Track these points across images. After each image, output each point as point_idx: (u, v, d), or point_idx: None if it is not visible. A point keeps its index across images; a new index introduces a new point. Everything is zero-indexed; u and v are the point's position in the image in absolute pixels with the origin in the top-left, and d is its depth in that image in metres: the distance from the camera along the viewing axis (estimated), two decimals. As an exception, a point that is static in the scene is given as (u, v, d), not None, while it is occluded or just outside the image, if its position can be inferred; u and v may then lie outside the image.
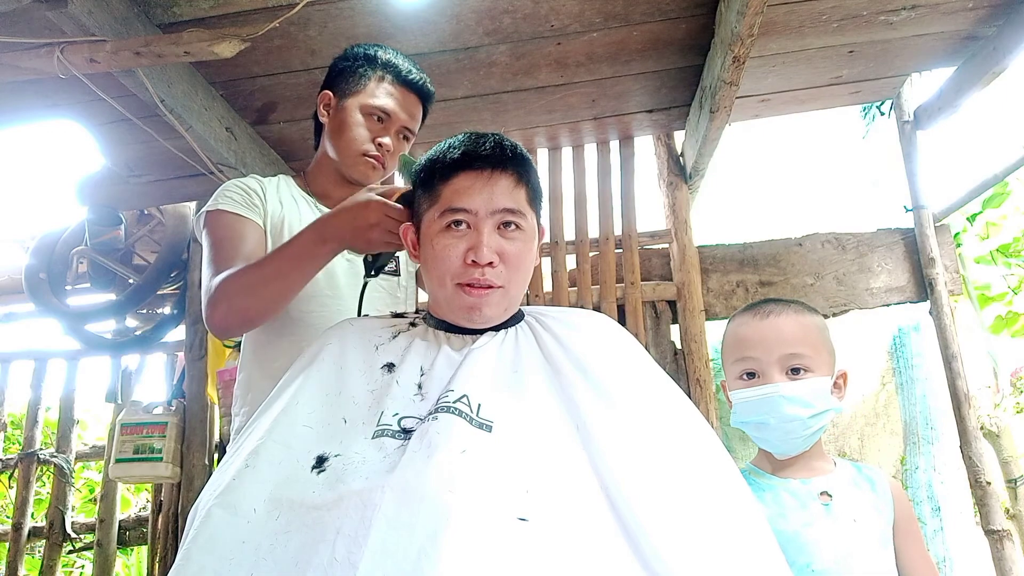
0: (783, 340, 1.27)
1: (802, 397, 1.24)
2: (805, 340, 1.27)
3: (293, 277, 1.29)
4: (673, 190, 2.72)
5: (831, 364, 1.29)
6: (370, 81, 1.55)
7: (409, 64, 1.59)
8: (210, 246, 1.43)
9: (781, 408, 1.24)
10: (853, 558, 1.20)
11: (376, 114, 1.55)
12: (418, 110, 1.62)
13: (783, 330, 1.28)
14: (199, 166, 2.25)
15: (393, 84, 1.56)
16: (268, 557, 0.85)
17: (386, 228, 1.22)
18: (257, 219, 1.49)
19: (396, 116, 1.56)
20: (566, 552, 0.82)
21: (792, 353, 1.26)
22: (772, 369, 1.26)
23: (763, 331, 1.29)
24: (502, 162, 1.08)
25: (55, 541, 3.03)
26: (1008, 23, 2.08)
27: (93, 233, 2.94)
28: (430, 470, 0.86)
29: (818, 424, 1.26)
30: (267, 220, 1.51)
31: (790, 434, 1.25)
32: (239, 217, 1.46)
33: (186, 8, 1.82)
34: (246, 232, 1.45)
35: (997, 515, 2.30)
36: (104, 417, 5.10)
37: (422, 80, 1.60)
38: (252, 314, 1.32)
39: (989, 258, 3.61)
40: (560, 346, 1.09)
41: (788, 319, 1.29)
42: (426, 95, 1.62)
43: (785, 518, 1.26)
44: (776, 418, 1.25)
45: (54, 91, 2.10)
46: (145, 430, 2.73)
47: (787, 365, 1.26)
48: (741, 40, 1.79)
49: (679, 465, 0.95)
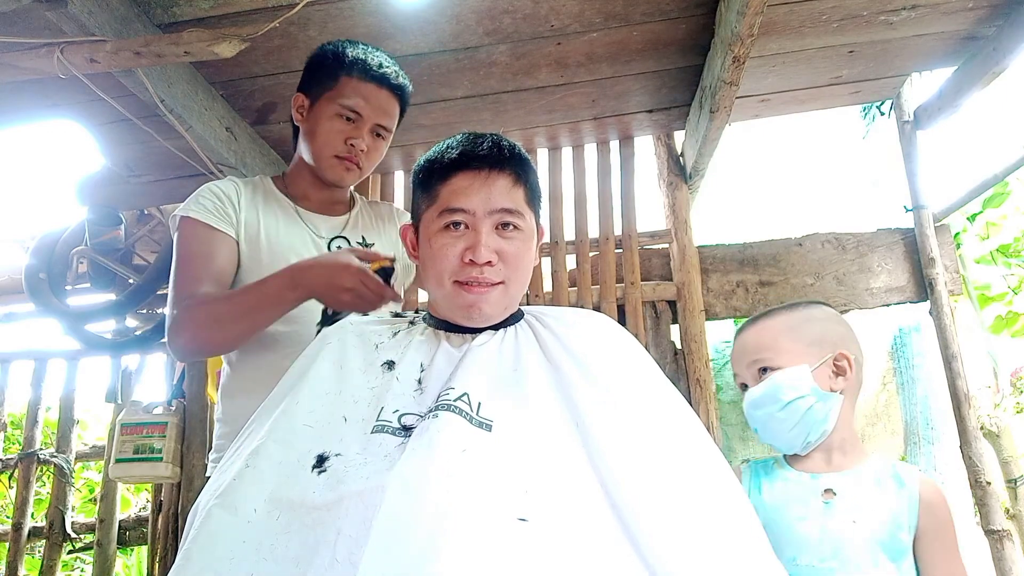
0: (746, 349, 1.37)
1: (762, 394, 1.30)
2: (764, 343, 1.34)
3: (259, 317, 1.33)
4: (673, 190, 2.71)
5: (809, 353, 1.31)
6: (339, 80, 1.51)
7: (380, 59, 1.54)
8: (178, 258, 1.44)
9: (755, 412, 1.32)
10: (840, 559, 1.19)
11: (345, 114, 1.51)
12: (392, 106, 1.56)
13: (747, 340, 1.38)
14: (199, 166, 2.25)
15: (362, 81, 1.51)
16: (269, 557, 0.85)
17: (358, 295, 1.26)
18: (229, 230, 1.48)
19: (367, 114, 1.52)
20: (566, 552, 0.82)
21: (754, 359, 1.34)
22: (748, 378, 1.36)
23: (738, 345, 1.40)
24: (500, 162, 1.08)
25: (55, 541, 3.03)
26: (1008, 23, 2.08)
27: (93, 233, 2.94)
28: (430, 470, 0.86)
29: (794, 414, 1.27)
30: (240, 229, 1.50)
31: (774, 432, 1.31)
32: (210, 229, 1.46)
33: (186, 8, 1.82)
34: (215, 247, 1.45)
35: (997, 515, 2.30)
36: (104, 417, 5.10)
37: (394, 75, 1.54)
38: (214, 346, 1.40)
39: (989, 258, 3.61)
40: (560, 345, 1.09)
41: (755, 328, 1.39)
42: (398, 90, 1.56)
43: (785, 510, 1.27)
44: (756, 422, 1.33)
45: (54, 91, 2.10)
46: (145, 430, 2.73)
47: (755, 371, 1.34)
48: (741, 40, 1.79)
49: (677, 465, 0.95)
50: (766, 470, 1.37)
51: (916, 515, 1.21)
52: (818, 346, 1.31)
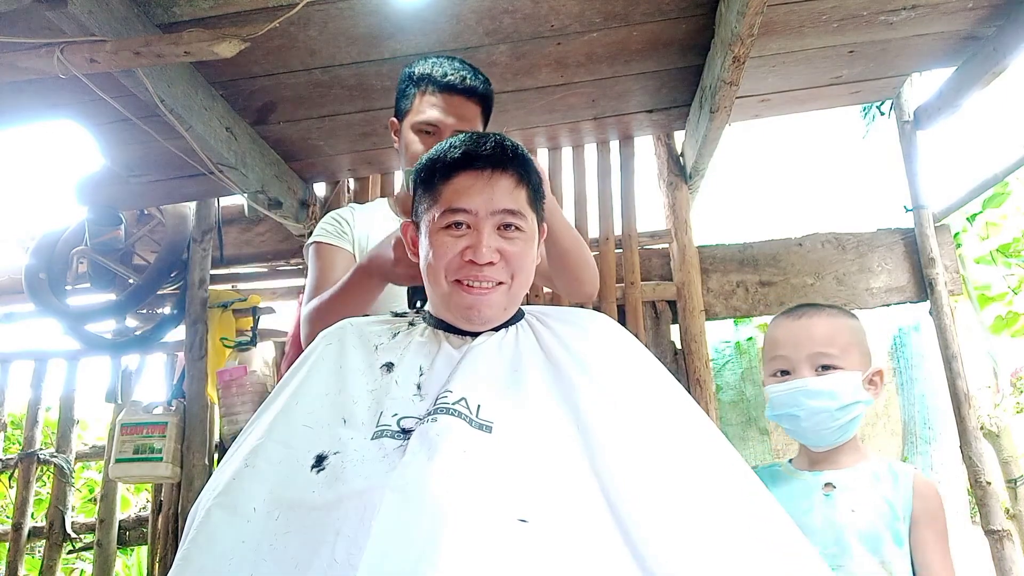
0: (812, 339, 1.38)
1: (828, 390, 1.33)
2: (833, 340, 1.37)
3: (355, 303, 1.45)
4: (673, 190, 2.71)
5: (863, 362, 1.38)
6: (415, 98, 1.58)
7: (444, 68, 1.57)
8: (309, 274, 1.70)
9: (808, 401, 1.34)
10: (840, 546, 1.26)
11: (424, 128, 1.56)
12: (468, 109, 1.58)
13: (813, 331, 1.39)
14: (199, 166, 2.25)
15: (434, 94, 1.56)
16: (268, 558, 0.85)
17: (408, 264, 1.26)
18: (347, 246, 1.70)
19: (443, 124, 1.55)
20: (566, 553, 0.82)
21: (820, 352, 1.36)
22: (802, 366, 1.37)
23: (795, 331, 1.41)
24: (503, 162, 1.07)
25: (55, 541, 3.03)
26: (1008, 23, 2.08)
27: (93, 233, 2.93)
28: (430, 471, 0.86)
29: (847, 416, 1.33)
30: (355, 245, 1.70)
31: (819, 426, 1.34)
32: (331, 247, 1.69)
33: (186, 8, 1.82)
34: (335, 260, 1.67)
35: (997, 515, 2.30)
36: (104, 417, 5.10)
37: (460, 79, 1.56)
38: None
39: (989, 258, 3.61)
40: (561, 345, 1.08)
41: (819, 320, 1.40)
42: (469, 92, 1.57)
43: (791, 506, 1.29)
44: (804, 411, 1.34)
45: (54, 91, 2.10)
46: (145, 430, 2.72)
47: (816, 363, 1.36)
48: (741, 40, 1.79)
49: (681, 466, 0.94)
50: (772, 476, 1.44)
51: (910, 504, 1.29)
52: (868, 357, 1.40)
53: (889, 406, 2.72)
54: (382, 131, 2.49)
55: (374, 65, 2.14)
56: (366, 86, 2.24)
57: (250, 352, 2.80)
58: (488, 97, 1.63)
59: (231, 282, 3.14)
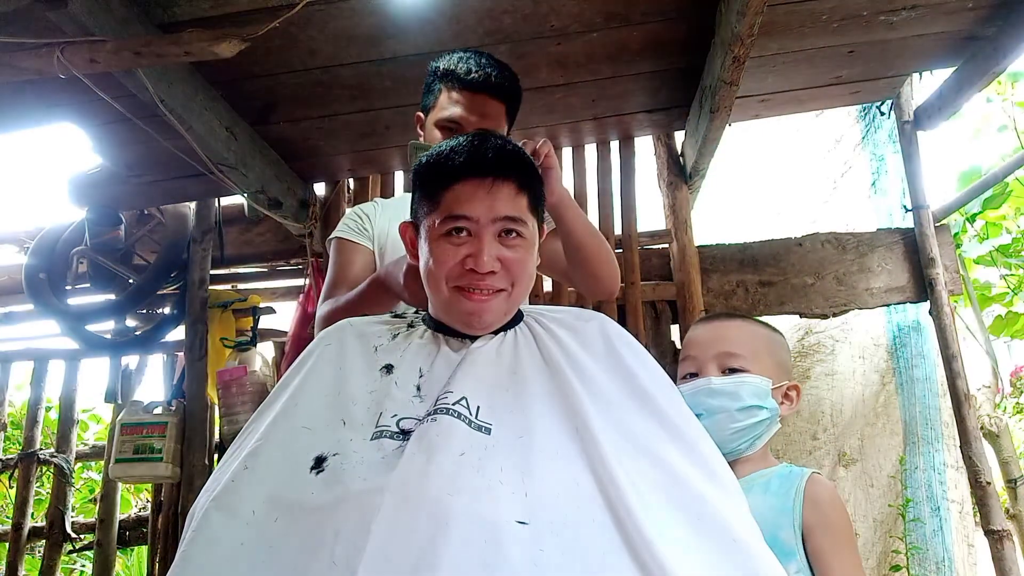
0: (721, 340, 1.35)
1: (731, 391, 1.29)
2: (742, 343, 1.33)
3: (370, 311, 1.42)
4: (673, 190, 2.71)
5: (777, 373, 1.33)
6: (439, 94, 1.56)
7: (472, 64, 1.54)
8: (329, 270, 1.70)
9: (710, 400, 1.29)
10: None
11: (447, 126, 1.53)
12: (492, 107, 1.55)
13: (723, 332, 1.37)
14: (199, 166, 2.25)
15: (458, 91, 1.53)
16: (267, 559, 0.84)
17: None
18: (366, 242, 1.70)
19: (467, 122, 1.52)
20: (565, 556, 0.82)
21: (727, 352, 1.33)
22: (709, 366, 1.33)
23: (706, 334, 1.38)
24: (504, 169, 1.06)
25: (55, 541, 3.03)
26: (1008, 23, 2.08)
27: (93, 233, 2.93)
28: (429, 473, 0.86)
29: (749, 419, 1.27)
30: (375, 240, 1.71)
31: (720, 426, 1.27)
32: (350, 243, 1.69)
33: (186, 8, 1.82)
34: (354, 257, 1.68)
35: (997, 515, 2.30)
36: (104, 417, 5.10)
37: (483, 77, 1.53)
38: None
39: (989, 258, 3.60)
40: (560, 347, 1.08)
41: (731, 324, 1.38)
42: (494, 90, 1.54)
43: None
44: (705, 409, 1.28)
45: (54, 92, 2.10)
46: (145, 430, 2.72)
47: (723, 364, 1.32)
48: (741, 40, 1.79)
49: (679, 467, 0.94)
50: None
51: (800, 512, 1.20)
52: (783, 370, 1.36)
53: (889, 406, 2.72)
54: (382, 131, 2.49)
55: (374, 65, 2.14)
56: (366, 86, 2.24)
57: (250, 352, 2.80)
58: (514, 95, 1.61)
59: (231, 282, 3.15)
